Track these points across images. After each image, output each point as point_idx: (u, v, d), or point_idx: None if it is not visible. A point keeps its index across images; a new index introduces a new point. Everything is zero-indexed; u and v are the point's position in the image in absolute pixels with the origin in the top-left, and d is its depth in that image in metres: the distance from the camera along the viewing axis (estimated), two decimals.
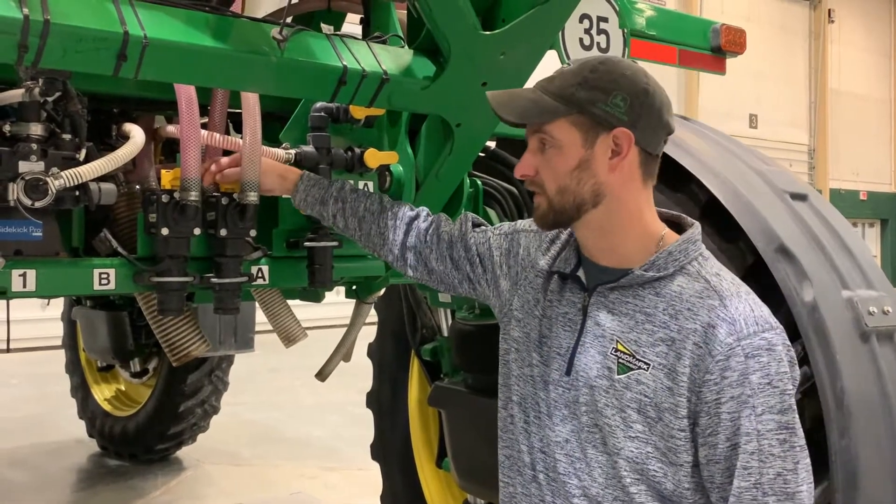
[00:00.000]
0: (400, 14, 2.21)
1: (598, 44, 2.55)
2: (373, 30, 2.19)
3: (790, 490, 1.34)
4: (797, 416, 1.38)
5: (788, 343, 1.42)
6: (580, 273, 1.56)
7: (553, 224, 1.54)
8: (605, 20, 2.59)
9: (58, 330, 6.12)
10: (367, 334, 3.56)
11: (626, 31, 2.64)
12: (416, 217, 1.88)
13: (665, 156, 2.58)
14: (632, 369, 1.43)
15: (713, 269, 1.49)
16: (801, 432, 1.38)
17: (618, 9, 2.62)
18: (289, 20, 1.92)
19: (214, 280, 1.98)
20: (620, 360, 1.44)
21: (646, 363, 1.42)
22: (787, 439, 1.36)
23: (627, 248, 1.50)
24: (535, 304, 1.61)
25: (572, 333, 1.52)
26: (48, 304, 6.07)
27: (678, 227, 1.56)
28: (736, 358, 1.36)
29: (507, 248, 1.74)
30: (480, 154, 2.64)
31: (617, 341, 1.46)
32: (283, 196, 2.05)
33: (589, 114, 1.46)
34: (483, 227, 1.84)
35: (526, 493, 1.55)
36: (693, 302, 1.42)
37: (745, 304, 1.41)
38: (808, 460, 1.38)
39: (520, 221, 1.79)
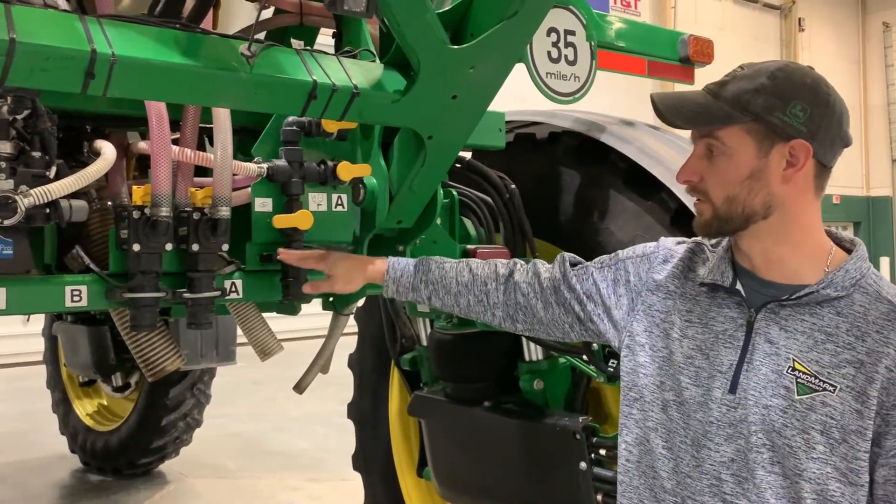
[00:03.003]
0: (373, 30, 2.23)
1: (565, 56, 2.57)
2: (344, 44, 2.20)
3: None
4: None
5: None
6: (739, 287, 1.50)
7: (716, 233, 1.51)
8: (573, 33, 2.62)
9: (39, 345, 6.08)
10: (349, 344, 3.56)
11: (592, 43, 2.67)
12: (511, 273, 1.84)
13: (635, 165, 2.63)
14: (815, 391, 1.38)
15: (891, 288, 1.46)
16: None
17: (585, 22, 2.65)
18: (260, 36, 1.93)
19: (187, 295, 1.98)
20: (800, 381, 1.39)
21: (832, 385, 1.37)
22: None
23: (798, 263, 1.46)
24: (671, 326, 1.56)
25: (734, 350, 1.47)
26: (28, 319, 6.04)
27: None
28: None
29: (613, 279, 1.70)
30: (456, 165, 2.66)
31: (794, 360, 1.41)
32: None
33: (765, 122, 1.41)
34: (583, 265, 1.80)
35: None
36: (881, 324, 1.39)
37: None
38: None
39: (619, 252, 1.75)
